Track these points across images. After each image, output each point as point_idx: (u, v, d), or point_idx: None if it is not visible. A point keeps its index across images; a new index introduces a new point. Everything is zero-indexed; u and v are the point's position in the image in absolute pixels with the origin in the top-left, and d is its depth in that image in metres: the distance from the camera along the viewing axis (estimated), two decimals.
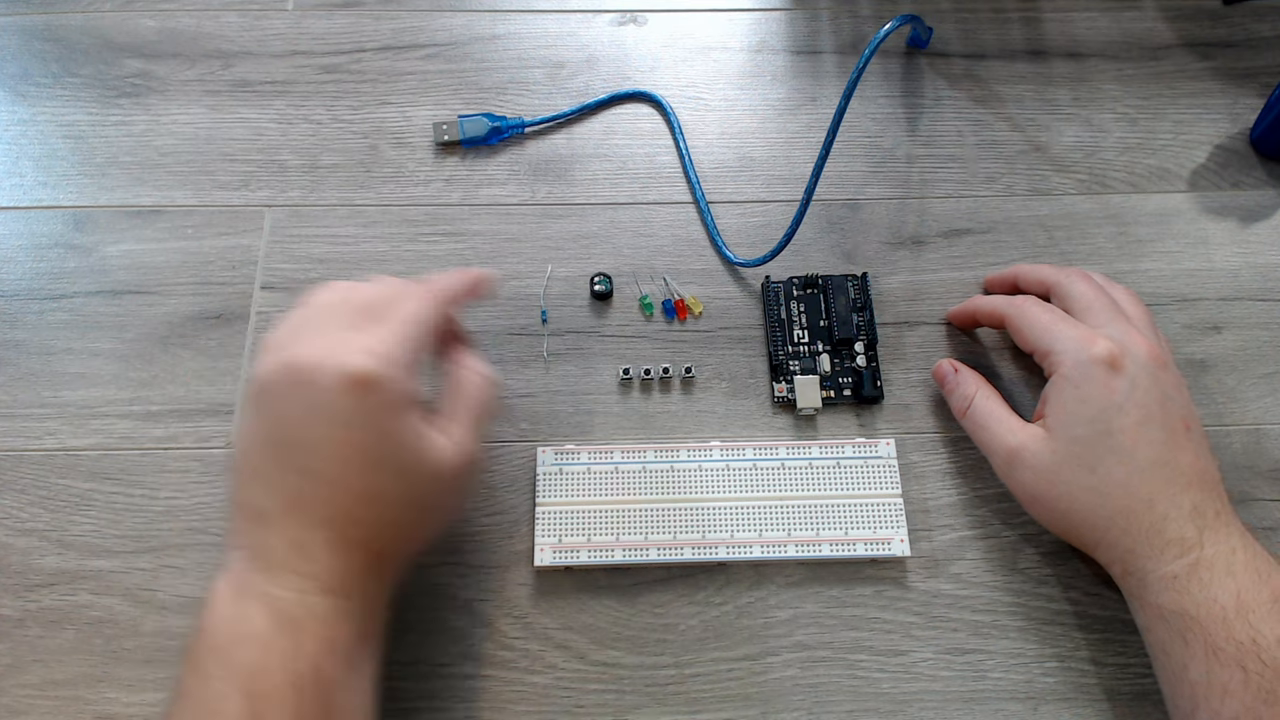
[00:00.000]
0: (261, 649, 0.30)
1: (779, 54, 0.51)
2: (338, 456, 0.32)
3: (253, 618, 0.30)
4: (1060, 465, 0.36)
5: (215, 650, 0.30)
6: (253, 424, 0.33)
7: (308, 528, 0.32)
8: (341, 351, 0.32)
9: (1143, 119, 0.50)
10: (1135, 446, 0.35)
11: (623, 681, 0.38)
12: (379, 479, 0.32)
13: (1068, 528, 0.37)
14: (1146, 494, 0.35)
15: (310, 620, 0.30)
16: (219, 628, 0.30)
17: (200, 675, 0.30)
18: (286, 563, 0.31)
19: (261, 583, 0.31)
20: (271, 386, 0.32)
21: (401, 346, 0.33)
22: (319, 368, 0.31)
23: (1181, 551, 0.34)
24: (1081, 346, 0.36)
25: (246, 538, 0.32)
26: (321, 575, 0.31)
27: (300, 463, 0.32)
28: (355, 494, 0.32)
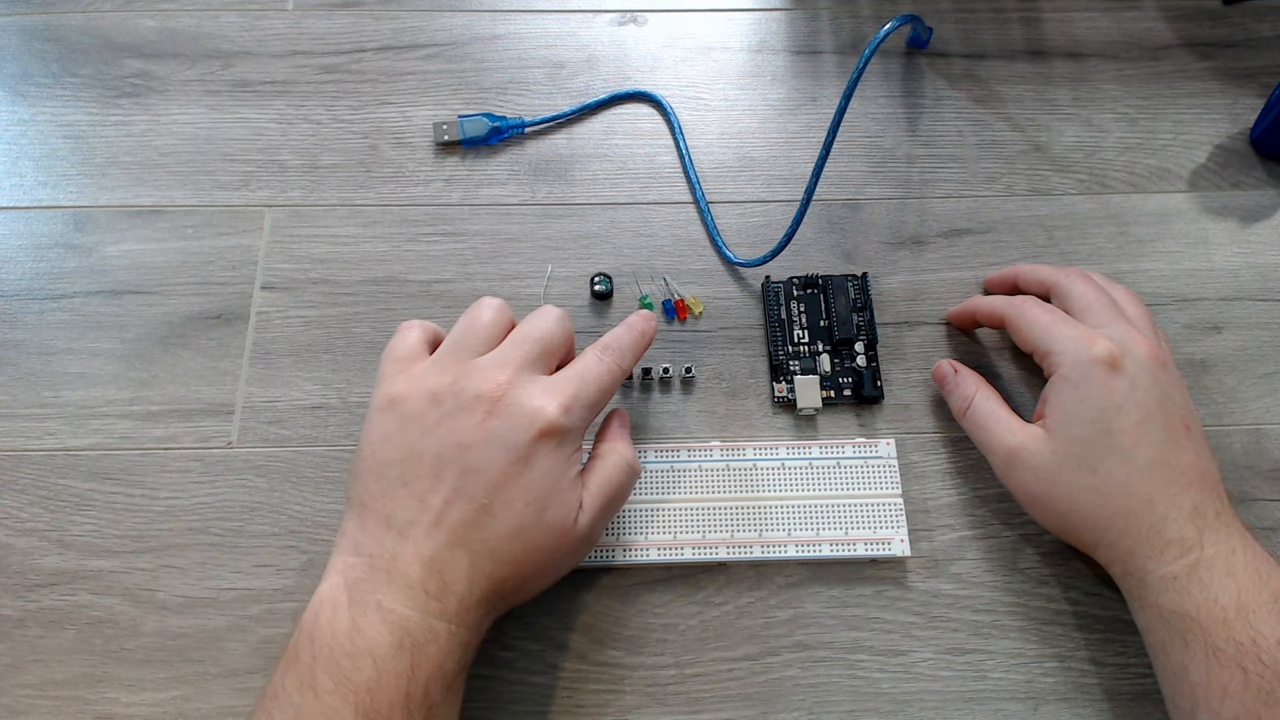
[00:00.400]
0: (378, 666, 0.29)
1: (779, 54, 0.52)
2: (502, 489, 0.32)
3: (371, 632, 0.30)
4: (1060, 465, 0.36)
5: (326, 661, 0.29)
6: (415, 434, 0.33)
7: (449, 549, 0.32)
8: (538, 395, 0.33)
9: (1143, 119, 0.50)
10: (1135, 447, 0.35)
11: (623, 681, 0.38)
12: (529, 520, 0.32)
13: (1067, 528, 0.37)
14: (1146, 494, 0.35)
15: (429, 643, 0.30)
16: (334, 638, 0.30)
17: (309, 687, 0.29)
18: (418, 580, 0.31)
19: (383, 595, 0.31)
20: (452, 407, 0.33)
21: (587, 409, 0.34)
22: (515, 405, 0.33)
23: (1182, 552, 0.34)
24: (1081, 347, 0.36)
25: (376, 545, 0.32)
26: (448, 600, 0.31)
27: (462, 485, 0.32)
28: (505, 529, 0.32)
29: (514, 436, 0.32)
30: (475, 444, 0.32)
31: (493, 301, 0.37)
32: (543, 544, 0.33)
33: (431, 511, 0.32)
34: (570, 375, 0.35)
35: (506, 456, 0.32)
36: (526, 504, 0.32)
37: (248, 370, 0.43)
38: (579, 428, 0.34)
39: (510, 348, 0.35)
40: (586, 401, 0.34)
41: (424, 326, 0.38)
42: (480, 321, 0.36)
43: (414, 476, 0.32)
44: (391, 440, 0.33)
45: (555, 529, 0.33)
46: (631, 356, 0.37)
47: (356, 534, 0.33)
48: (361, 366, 0.43)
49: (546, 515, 0.33)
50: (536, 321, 0.36)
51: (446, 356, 0.35)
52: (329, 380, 0.43)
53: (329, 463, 0.41)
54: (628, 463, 0.36)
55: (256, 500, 0.40)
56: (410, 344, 0.36)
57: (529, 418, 0.32)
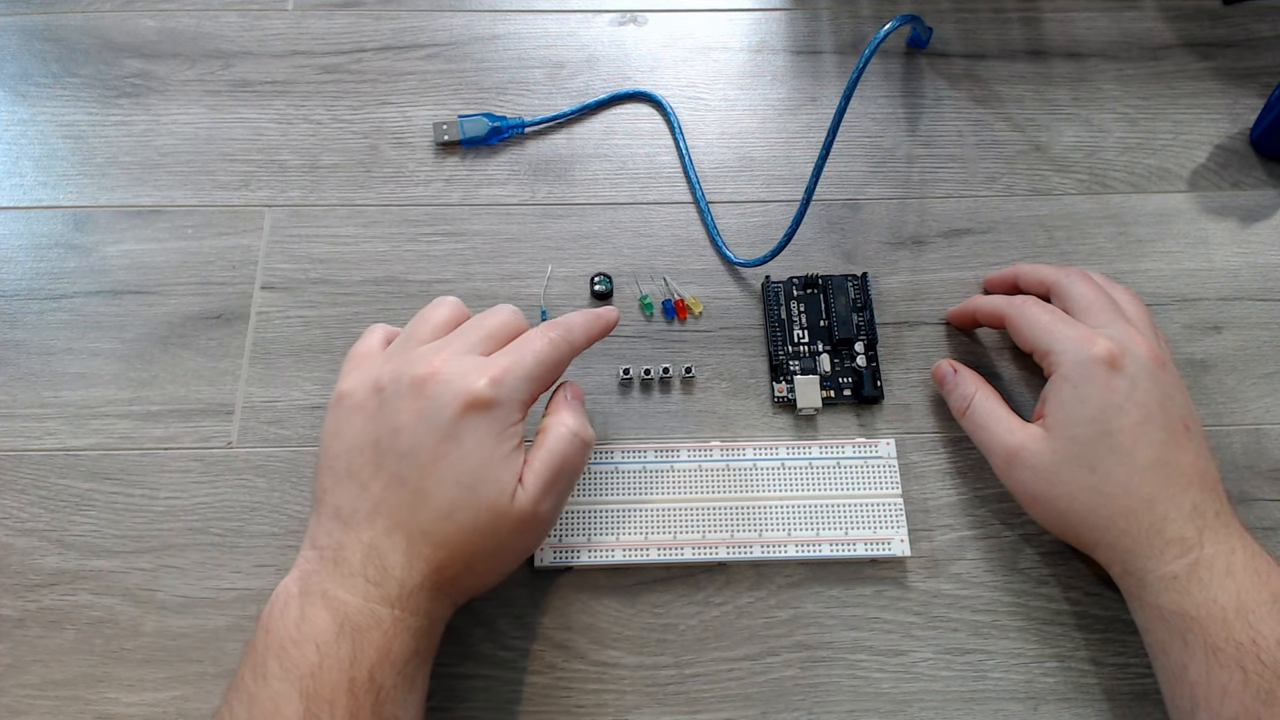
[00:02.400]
0: (320, 652, 0.30)
1: (779, 54, 0.52)
2: (433, 469, 0.32)
3: (315, 619, 0.30)
4: (1060, 465, 0.36)
5: (276, 649, 0.30)
6: (359, 425, 0.33)
7: (387, 534, 0.32)
8: (468, 371, 0.33)
9: (1143, 119, 0.50)
10: (1135, 446, 0.35)
11: (623, 681, 0.38)
12: (461, 500, 0.32)
13: (1067, 528, 0.37)
14: (1146, 494, 0.34)
15: (373, 629, 0.31)
16: (282, 627, 0.31)
17: (260, 674, 0.30)
18: (359, 568, 0.31)
19: (329, 584, 0.31)
20: (391, 394, 0.33)
21: (522, 381, 0.33)
22: (443, 382, 0.32)
23: (1181, 551, 0.34)
24: (1081, 346, 0.36)
25: (326, 537, 0.32)
26: (388, 585, 0.31)
27: (397, 469, 0.32)
28: (438, 509, 0.32)
29: (440, 413, 0.32)
30: (406, 426, 0.32)
31: (448, 299, 0.37)
32: (480, 523, 0.32)
33: (371, 499, 0.32)
34: (507, 350, 0.34)
35: (434, 435, 0.32)
36: (456, 481, 0.32)
37: (248, 370, 0.43)
38: (513, 399, 0.33)
39: (454, 336, 0.35)
40: (521, 373, 0.33)
41: (386, 329, 0.38)
42: (431, 316, 0.36)
43: (358, 466, 0.33)
44: (340, 433, 0.34)
45: (489, 506, 0.32)
46: (581, 333, 0.36)
47: (314, 529, 0.33)
48: None
49: (478, 492, 0.32)
50: (486, 314, 0.36)
51: (394, 349, 0.35)
52: (329, 380, 0.43)
53: None
54: (572, 432, 0.35)
55: (256, 500, 0.40)
56: (370, 344, 0.37)
57: (454, 393, 0.32)
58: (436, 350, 0.34)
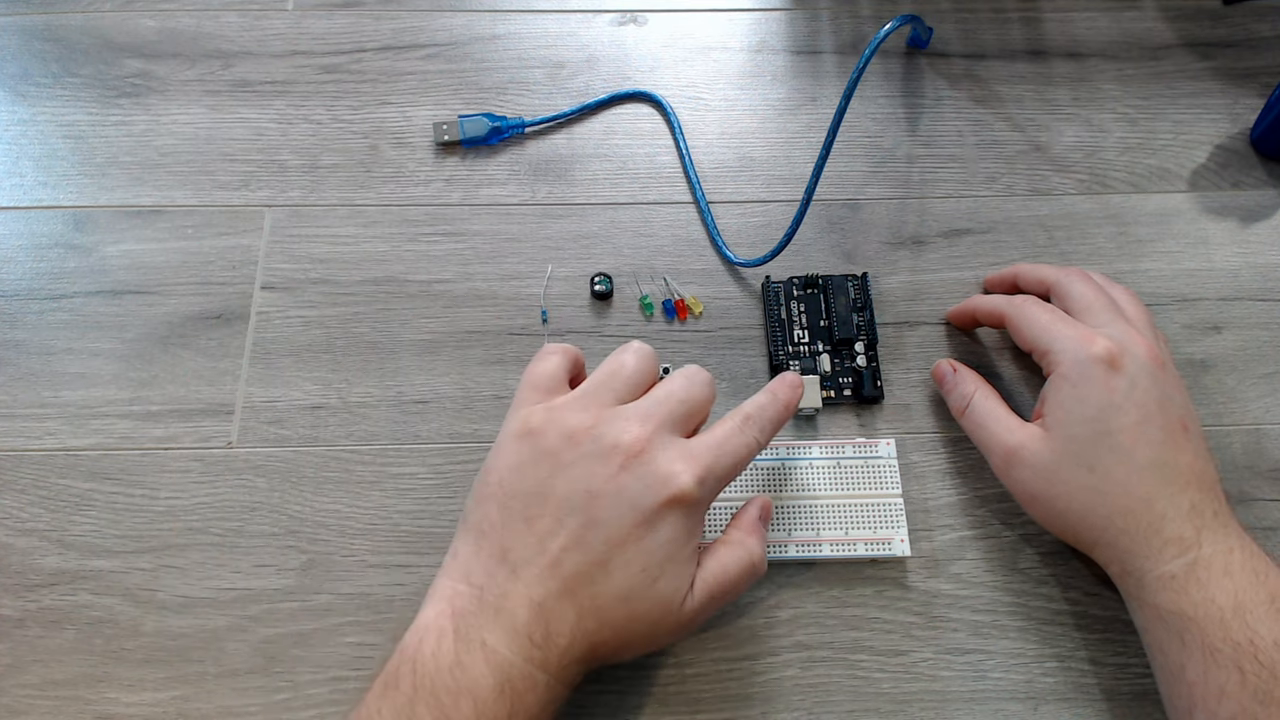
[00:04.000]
0: (478, 709, 0.29)
1: (779, 54, 0.52)
2: (622, 550, 0.31)
3: (474, 671, 0.29)
4: (1058, 464, 0.36)
5: (427, 694, 0.29)
6: (546, 470, 0.32)
7: (559, 599, 0.31)
8: (674, 459, 0.32)
9: (1143, 119, 0.50)
10: (1134, 446, 0.35)
11: (623, 681, 0.37)
12: (640, 587, 0.31)
13: (1065, 527, 0.37)
14: (1145, 493, 0.34)
15: (529, 692, 0.30)
16: (435, 670, 0.29)
17: (405, 716, 0.29)
18: (523, 625, 0.30)
19: (489, 634, 0.30)
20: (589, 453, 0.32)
21: (720, 482, 0.33)
22: (652, 466, 0.32)
23: (1180, 551, 0.34)
24: (1080, 346, 0.36)
25: (485, 577, 0.31)
26: (550, 651, 0.31)
27: (584, 536, 0.31)
28: (617, 590, 0.31)
29: (644, 497, 0.31)
30: (604, 495, 0.31)
31: (641, 347, 0.36)
32: (647, 614, 0.32)
33: (549, 555, 0.31)
34: (709, 444, 0.33)
35: (633, 516, 0.31)
36: (643, 569, 0.31)
37: (248, 370, 0.43)
38: (708, 500, 0.33)
39: (655, 403, 0.34)
40: (720, 474, 0.33)
41: (565, 352, 0.36)
42: (627, 367, 0.35)
43: (538, 514, 0.32)
44: (522, 471, 0.33)
45: (662, 602, 0.32)
46: (773, 430, 0.36)
47: (469, 560, 0.32)
48: (361, 366, 0.43)
49: (658, 586, 0.32)
50: (683, 381, 0.35)
51: (589, 397, 0.34)
52: (329, 380, 0.43)
53: (329, 463, 0.41)
54: (752, 561, 0.34)
55: (256, 500, 0.40)
56: (550, 371, 0.35)
57: (662, 481, 0.31)
58: (641, 419, 0.33)
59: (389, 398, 0.42)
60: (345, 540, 0.40)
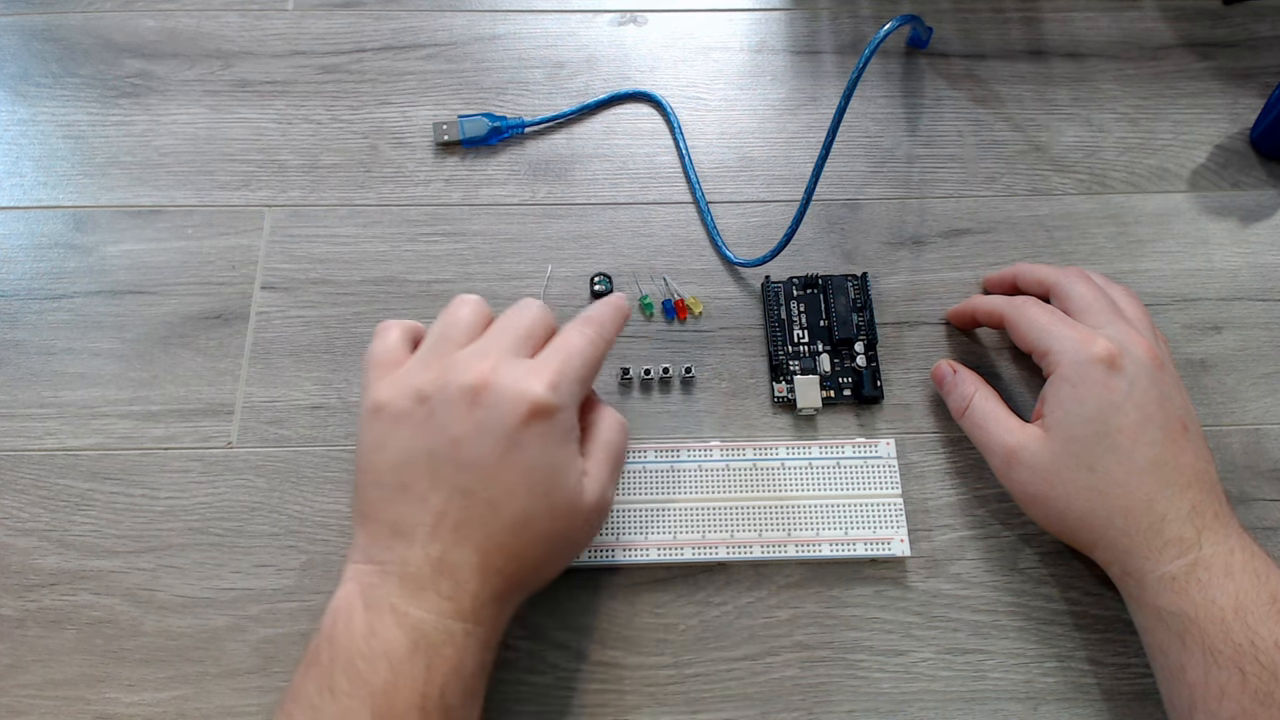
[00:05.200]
0: (394, 669, 0.29)
1: (779, 54, 0.51)
2: (502, 480, 0.32)
3: (386, 635, 0.30)
4: (1059, 465, 0.36)
5: (344, 663, 0.30)
6: (406, 437, 0.32)
7: (456, 548, 0.31)
8: (521, 377, 0.32)
9: (1143, 119, 0.50)
10: (1134, 446, 0.35)
11: (623, 681, 0.38)
12: (534, 507, 0.32)
13: (1065, 528, 0.37)
14: (1145, 494, 0.34)
15: (445, 644, 0.30)
16: (350, 642, 0.30)
17: (327, 688, 0.29)
18: (429, 582, 0.31)
19: (397, 599, 0.31)
20: (440, 403, 0.32)
21: (575, 384, 0.33)
22: (500, 390, 0.32)
23: (1180, 552, 0.34)
24: (1080, 346, 0.36)
25: (385, 552, 0.32)
26: (462, 599, 0.31)
27: (461, 482, 0.32)
28: (510, 520, 0.32)
29: (503, 422, 0.31)
30: (465, 436, 0.32)
31: (469, 298, 0.36)
32: (553, 529, 0.32)
33: (433, 512, 0.32)
34: (552, 352, 0.34)
35: (500, 445, 0.32)
36: (529, 490, 0.32)
37: (248, 370, 0.43)
38: (569, 403, 0.33)
39: (491, 337, 0.34)
40: (573, 376, 0.33)
41: (402, 326, 0.37)
42: (458, 316, 0.35)
43: (411, 479, 0.32)
44: (384, 446, 0.33)
45: (564, 510, 0.32)
46: (613, 328, 0.36)
47: (366, 544, 0.32)
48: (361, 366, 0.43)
49: (552, 498, 0.32)
50: (516, 310, 0.35)
51: (427, 354, 0.34)
52: (329, 380, 0.43)
53: (329, 463, 0.41)
54: (618, 422, 0.36)
55: (256, 500, 0.40)
56: (390, 345, 0.36)
57: (514, 400, 0.32)
58: (480, 355, 0.33)
59: None
60: (345, 540, 0.40)
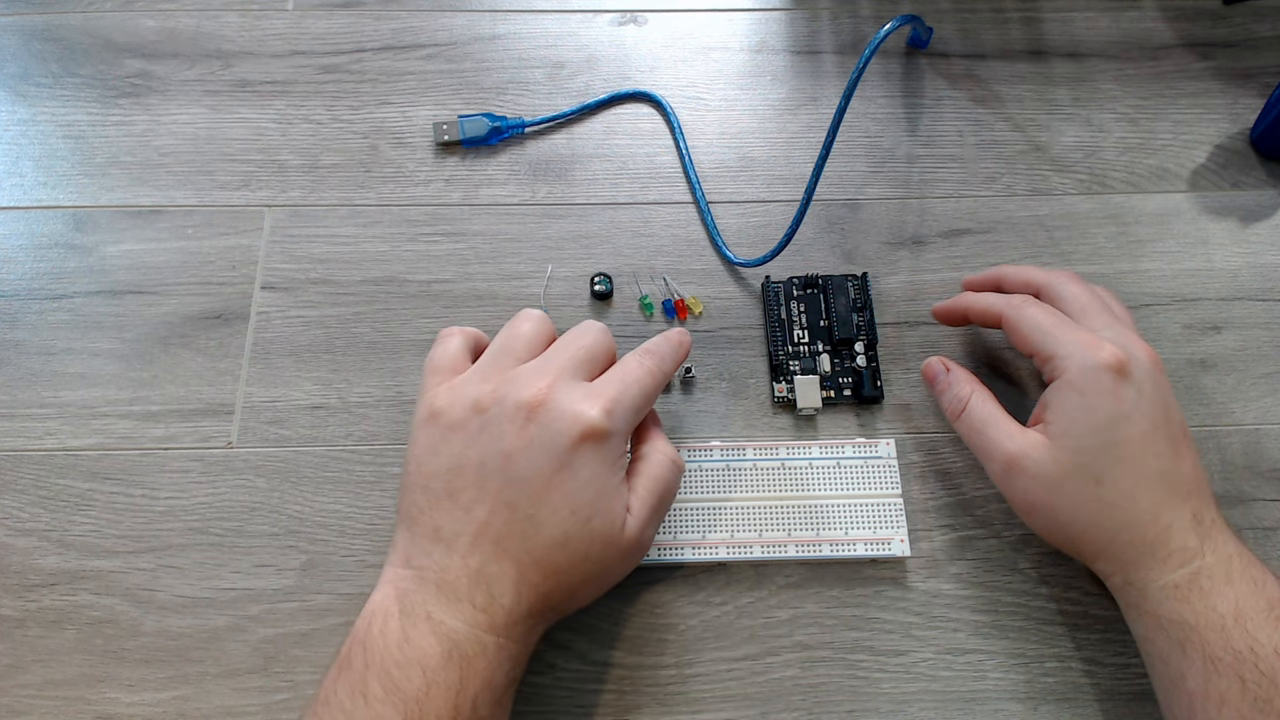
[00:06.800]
0: (427, 678, 0.29)
1: (779, 54, 0.51)
2: (546, 497, 0.32)
3: (421, 643, 0.30)
4: (1064, 476, 0.35)
5: (378, 670, 0.30)
6: (459, 445, 0.33)
7: (496, 561, 0.31)
8: (578, 400, 0.32)
9: (1143, 119, 0.50)
10: (1142, 457, 0.34)
11: (623, 681, 0.38)
12: (575, 529, 0.32)
13: (1067, 539, 0.36)
14: (1152, 506, 0.34)
15: (479, 656, 0.30)
16: (385, 648, 0.30)
17: (360, 694, 0.29)
18: (465, 592, 0.31)
19: (433, 607, 0.31)
20: (495, 415, 0.33)
21: (630, 412, 0.34)
22: (556, 410, 0.32)
23: (1183, 561, 0.33)
24: (1087, 352, 0.35)
25: (424, 557, 0.32)
26: (497, 614, 0.31)
27: (507, 495, 0.32)
28: (550, 538, 0.32)
29: (555, 442, 0.32)
30: (517, 452, 0.32)
31: (534, 312, 0.36)
32: (590, 552, 0.32)
33: (476, 522, 0.32)
34: (611, 378, 0.34)
35: (549, 463, 0.32)
36: (572, 512, 0.32)
37: (248, 370, 0.43)
38: (622, 431, 0.33)
39: (552, 356, 0.34)
40: (628, 404, 0.33)
41: (464, 333, 0.37)
42: (521, 331, 0.35)
43: (459, 488, 0.32)
44: (436, 452, 0.33)
45: (602, 536, 0.32)
46: (671, 363, 0.37)
47: (407, 547, 0.33)
48: (361, 366, 0.43)
49: (593, 523, 0.32)
50: (578, 332, 0.36)
51: (488, 366, 0.35)
52: (329, 380, 0.43)
53: (329, 463, 0.41)
54: (670, 459, 0.36)
55: (256, 500, 0.40)
56: (451, 353, 0.36)
57: (570, 422, 0.32)
58: (540, 373, 0.33)
59: (389, 398, 0.42)
60: (345, 540, 0.40)
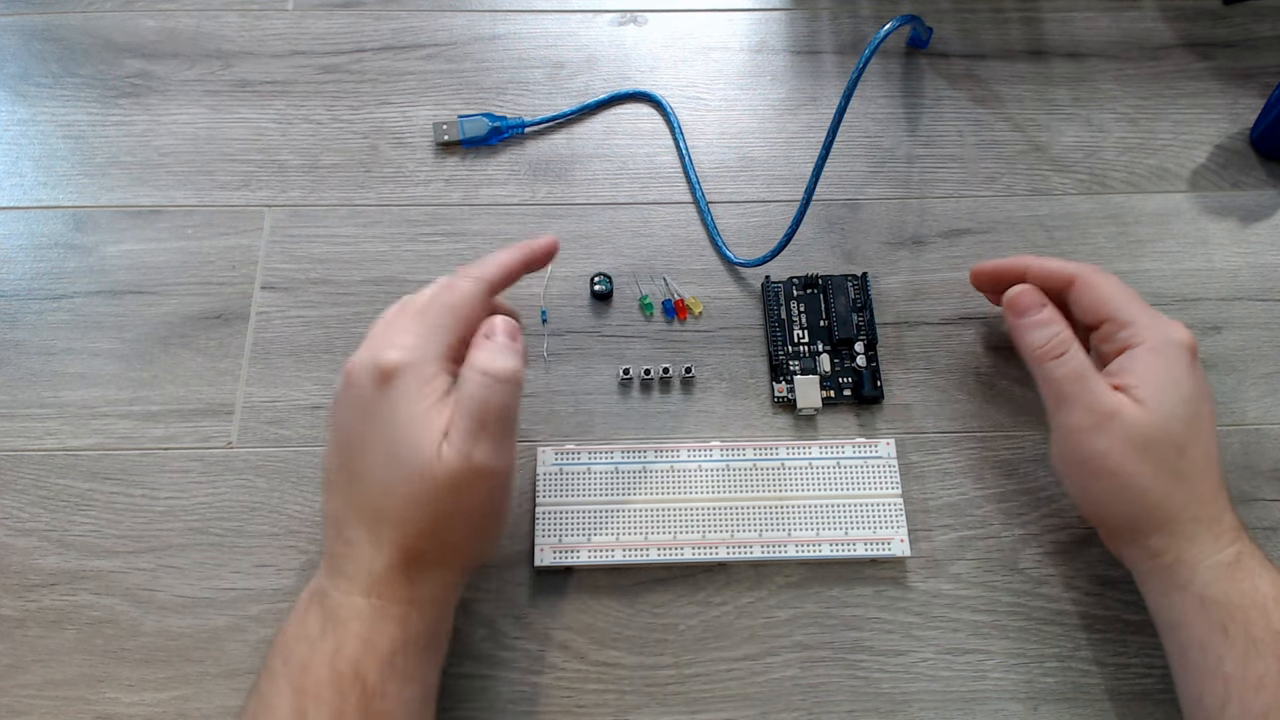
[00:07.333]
0: (310, 646, 0.31)
1: (779, 54, 0.51)
2: (362, 449, 0.32)
3: (310, 618, 0.32)
4: (1153, 440, 0.34)
5: (279, 647, 0.32)
6: (329, 435, 0.34)
7: (354, 527, 0.32)
8: (378, 348, 0.32)
9: (1143, 119, 0.50)
10: (1212, 436, 0.35)
11: (623, 681, 0.38)
12: (389, 472, 0.32)
13: (1131, 509, 0.34)
14: (1214, 483, 0.35)
15: (352, 620, 0.31)
16: (287, 628, 0.32)
17: (267, 672, 0.31)
18: (341, 563, 0.32)
19: (326, 584, 0.32)
20: (337, 396, 0.34)
21: (431, 335, 0.32)
22: (359, 365, 0.33)
23: (1233, 539, 0.34)
24: (1168, 327, 0.36)
25: (326, 544, 0.33)
26: (361, 576, 0.32)
27: (350, 464, 0.33)
28: (377, 487, 0.32)
29: (361, 395, 0.32)
30: (341, 419, 0.33)
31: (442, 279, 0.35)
32: (415, 491, 0.31)
33: (339, 495, 0.33)
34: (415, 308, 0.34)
35: (359, 416, 0.32)
36: (384, 454, 0.31)
37: (248, 370, 0.43)
38: (422, 359, 0.31)
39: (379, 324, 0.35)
40: (427, 328, 0.32)
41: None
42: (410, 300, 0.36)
43: (332, 472, 0.34)
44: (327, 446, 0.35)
45: (417, 469, 0.31)
46: (495, 267, 0.35)
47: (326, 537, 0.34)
48: None
49: (401, 459, 0.31)
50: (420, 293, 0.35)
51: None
52: (329, 380, 0.43)
53: None
54: (479, 373, 0.31)
55: (256, 500, 0.40)
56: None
57: (368, 371, 0.32)
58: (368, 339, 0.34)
59: None
60: None
